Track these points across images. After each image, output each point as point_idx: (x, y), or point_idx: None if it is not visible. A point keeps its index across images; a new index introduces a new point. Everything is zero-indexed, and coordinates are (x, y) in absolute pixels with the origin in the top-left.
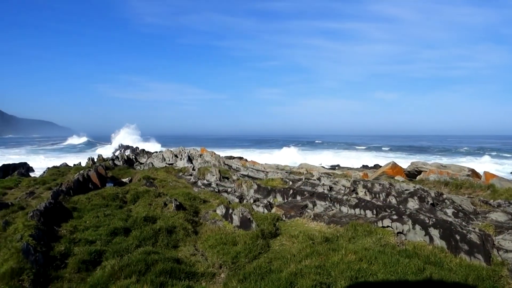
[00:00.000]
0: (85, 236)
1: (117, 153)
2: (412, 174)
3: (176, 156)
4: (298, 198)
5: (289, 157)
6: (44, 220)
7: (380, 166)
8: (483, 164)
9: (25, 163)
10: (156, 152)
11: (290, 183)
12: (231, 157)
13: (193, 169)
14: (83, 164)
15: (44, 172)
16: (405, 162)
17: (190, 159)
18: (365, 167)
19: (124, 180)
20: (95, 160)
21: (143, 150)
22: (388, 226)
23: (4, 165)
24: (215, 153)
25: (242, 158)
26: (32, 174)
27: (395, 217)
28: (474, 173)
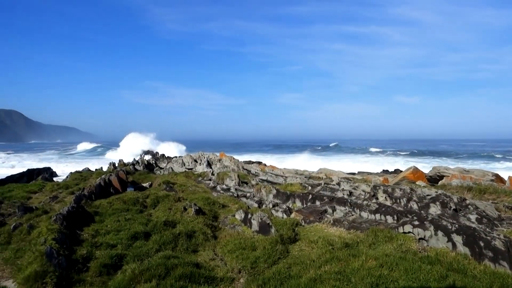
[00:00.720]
0: (107, 240)
1: (137, 158)
2: (433, 179)
3: (195, 161)
4: (318, 203)
5: (308, 162)
6: (67, 224)
7: (401, 171)
8: (508, 169)
9: (49, 168)
10: (176, 157)
11: (309, 188)
12: (250, 162)
13: (212, 174)
14: (105, 168)
15: (67, 176)
16: (426, 166)
17: (209, 164)
18: (385, 172)
19: (144, 184)
20: (116, 165)
21: (163, 155)
22: (409, 232)
23: (29, 169)
24: (234, 158)
25: (261, 163)
26: (55, 179)
27: (416, 222)
28: (498, 178)
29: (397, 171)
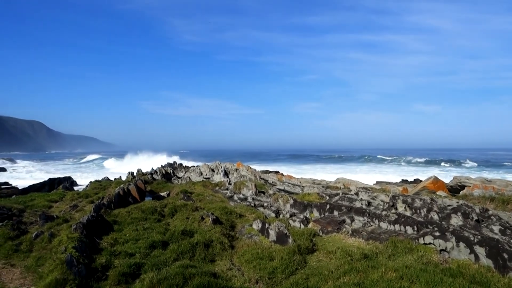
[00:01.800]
0: (125, 248)
1: (155, 167)
2: (454, 189)
3: (212, 170)
4: (336, 213)
5: (325, 171)
6: (86, 232)
7: (421, 181)
8: None
9: (69, 177)
10: (193, 166)
11: (327, 198)
12: (267, 172)
13: (229, 184)
14: (124, 178)
15: (86, 186)
16: (447, 176)
17: (226, 174)
18: (404, 181)
19: (162, 194)
20: (135, 174)
21: (181, 164)
22: (430, 243)
23: (50, 179)
24: (251, 168)
25: (278, 172)
26: (75, 188)
27: (437, 233)
28: None
29: (416, 181)
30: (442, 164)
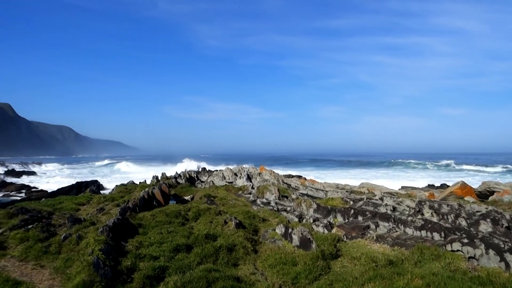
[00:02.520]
0: (150, 252)
1: (179, 171)
2: (483, 195)
3: (235, 174)
4: (360, 218)
5: (349, 176)
6: (112, 235)
7: (448, 186)
8: None
9: (96, 181)
10: (217, 170)
11: (351, 203)
12: (289, 176)
13: (252, 188)
14: (148, 181)
15: (112, 189)
16: (475, 181)
17: (249, 178)
18: (431, 186)
19: (186, 197)
20: (159, 178)
21: (204, 168)
22: (458, 250)
23: (77, 182)
24: (273, 172)
25: (301, 176)
26: (101, 191)
27: (465, 240)
28: None
29: (443, 186)
30: (470, 168)
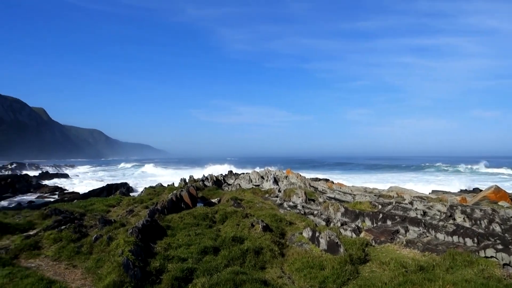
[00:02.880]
0: (178, 253)
1: (207, 174)
2: None
3: (262, 177)
4: (389, 222)
5: (377, 179)
6: (141, 236)
7: (481, 190)
8: None
9: (126, 183)
10: (243, 173)
11: (380, 207)
12: (316, 179)
13: (279, 191)
14: (176, 184)
15: (141, 191)
16: (510, 185)
17: (276, 181)
18: (463, 191)
19: (213, 200)
20: (187, 180)
21: (231, 171)
22: (492, 257)
23: (108, 184)
24: (300, 175)
25: (328, 180)
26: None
27: (500, 246)
28: None
29: (475, 190)
30: (504, 172)
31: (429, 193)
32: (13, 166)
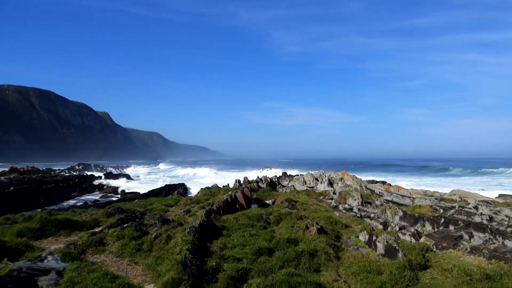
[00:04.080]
0: (233, 253)
1: (261, 176)
2: None
3: (316, 179)
4: (451, 227)
5: (437, 182)
6: (198, 236)
7: None
8: None
9: (183, 184)
10: (297, 175)
11: (441, 211)
12: (373, 181)
13: (334, 193)
14: (231, 185)
15: (198, 192)
16: None
17: (330, 183)
18: None
19: (267, 202)
20: (242, 182)
21: (285, 173)
22: None
23: (167, 185)
24: (356, 177)
25: (385, 182)
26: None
27: None
28: None
29: None
30: None
31: (496, 197)
32: (80, 167)
